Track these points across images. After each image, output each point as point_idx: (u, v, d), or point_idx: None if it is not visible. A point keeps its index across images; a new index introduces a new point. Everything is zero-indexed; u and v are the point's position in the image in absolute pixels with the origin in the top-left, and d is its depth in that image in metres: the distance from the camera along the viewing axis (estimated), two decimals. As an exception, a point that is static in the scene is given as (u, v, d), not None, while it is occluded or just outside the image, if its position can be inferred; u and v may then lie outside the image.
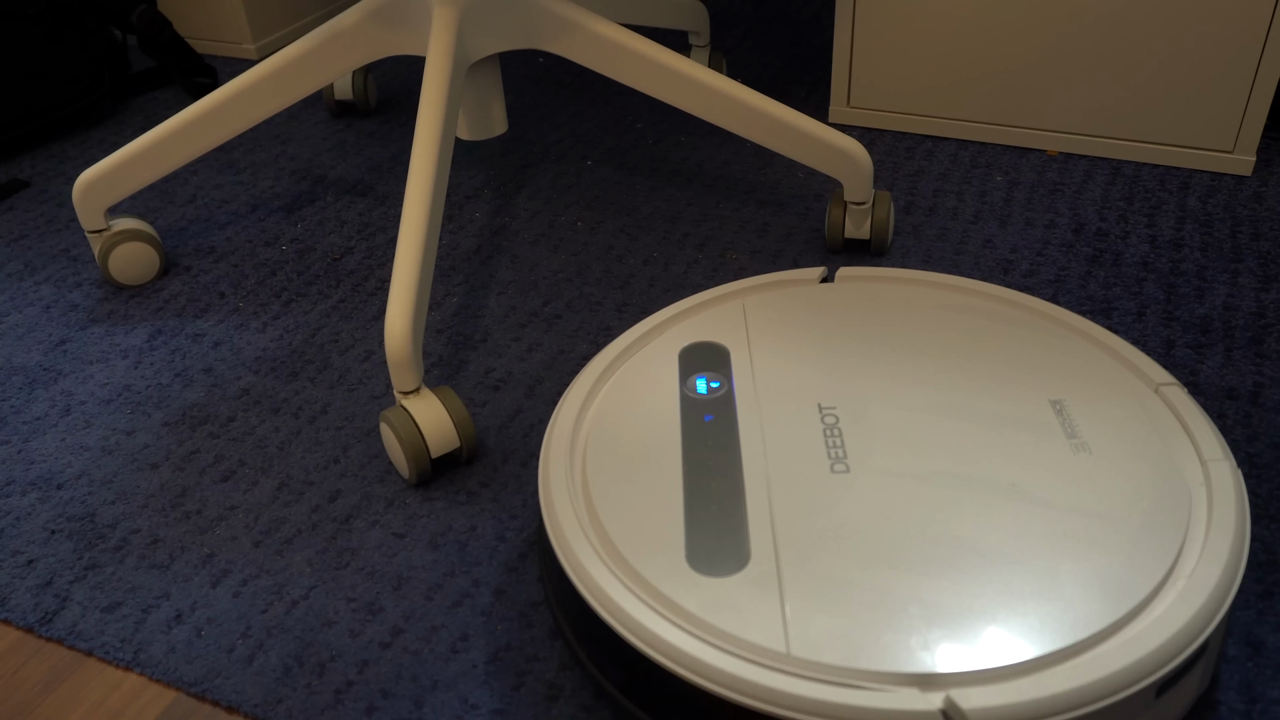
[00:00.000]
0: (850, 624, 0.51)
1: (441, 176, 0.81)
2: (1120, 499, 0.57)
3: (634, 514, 0.58)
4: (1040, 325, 0.70)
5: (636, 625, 0.52)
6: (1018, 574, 0.53)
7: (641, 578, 0.54)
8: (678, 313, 0.73)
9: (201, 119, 0.93)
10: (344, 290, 0.95)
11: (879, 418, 0.63)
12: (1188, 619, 0.50)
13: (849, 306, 0.73)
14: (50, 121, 1.22)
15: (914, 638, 0.50)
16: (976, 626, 0.51)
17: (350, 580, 0.68)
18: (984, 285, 0.74)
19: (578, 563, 0.56)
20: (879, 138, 1.14)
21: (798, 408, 0.64)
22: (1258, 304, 0.86)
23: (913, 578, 0.53)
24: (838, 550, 0.55)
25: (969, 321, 0.71)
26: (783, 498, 0.58)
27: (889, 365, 0.67)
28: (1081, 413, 0.63)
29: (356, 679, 0.61)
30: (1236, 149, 1.03)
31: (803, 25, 1.42)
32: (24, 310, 0.95)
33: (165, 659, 0.63)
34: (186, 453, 0.79)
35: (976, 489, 0.58)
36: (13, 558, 0.71)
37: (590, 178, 1.10)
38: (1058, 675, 0.48)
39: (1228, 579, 0.53)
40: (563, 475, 0.61)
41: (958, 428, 0.62)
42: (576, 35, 0.91)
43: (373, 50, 0.93)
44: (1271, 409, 0.76)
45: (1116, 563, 0.53)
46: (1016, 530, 0.55)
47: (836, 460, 0.60)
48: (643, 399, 0.66)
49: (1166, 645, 0.49)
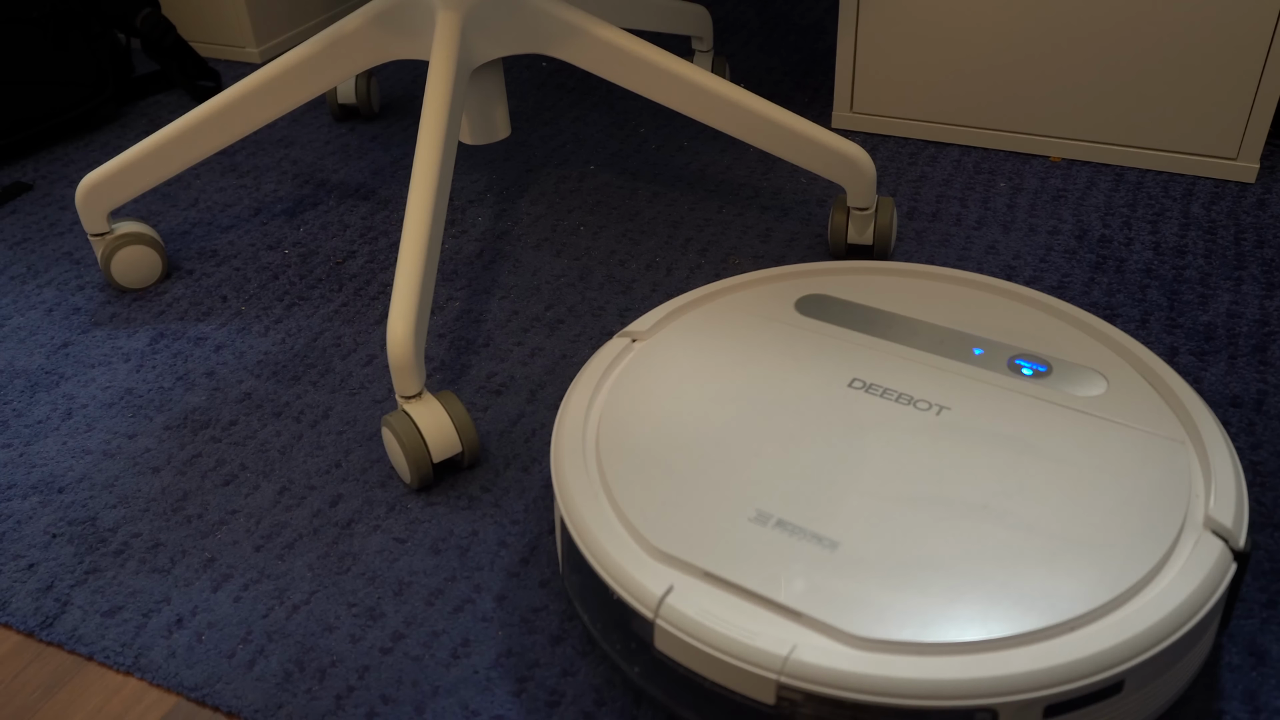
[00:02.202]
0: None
1: (444, 181, 0.81)
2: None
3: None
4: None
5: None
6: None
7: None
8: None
9: (205, 123, 0.93)
10: (346, 294, 0.95)
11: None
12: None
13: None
14: (54, 125, 1.23)
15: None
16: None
17: (351, 585, 0.67)
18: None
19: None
20: (882, 143, 1.14)
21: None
22: (1261, 311, 0.86)
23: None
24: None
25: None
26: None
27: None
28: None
29: (357, 684, 0.61)
30: (1240, 156, 1.03)
31: (806, 30, 1.42)
32: (26, 313, 0.95)
33: (166, 664, 0.63)
34: (188, 457, 0.78)
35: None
36: (13, 561, 0.71)
37: (593, 182, 1.10)
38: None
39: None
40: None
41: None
42: (580, 40, 0.91)
43: (376, 55, 0.93)
44: (1275, 416, 0.76)
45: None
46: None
47: (857, 392, 0.64)
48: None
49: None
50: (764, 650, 0.50)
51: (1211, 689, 0.59)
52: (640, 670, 0.55)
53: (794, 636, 0.50)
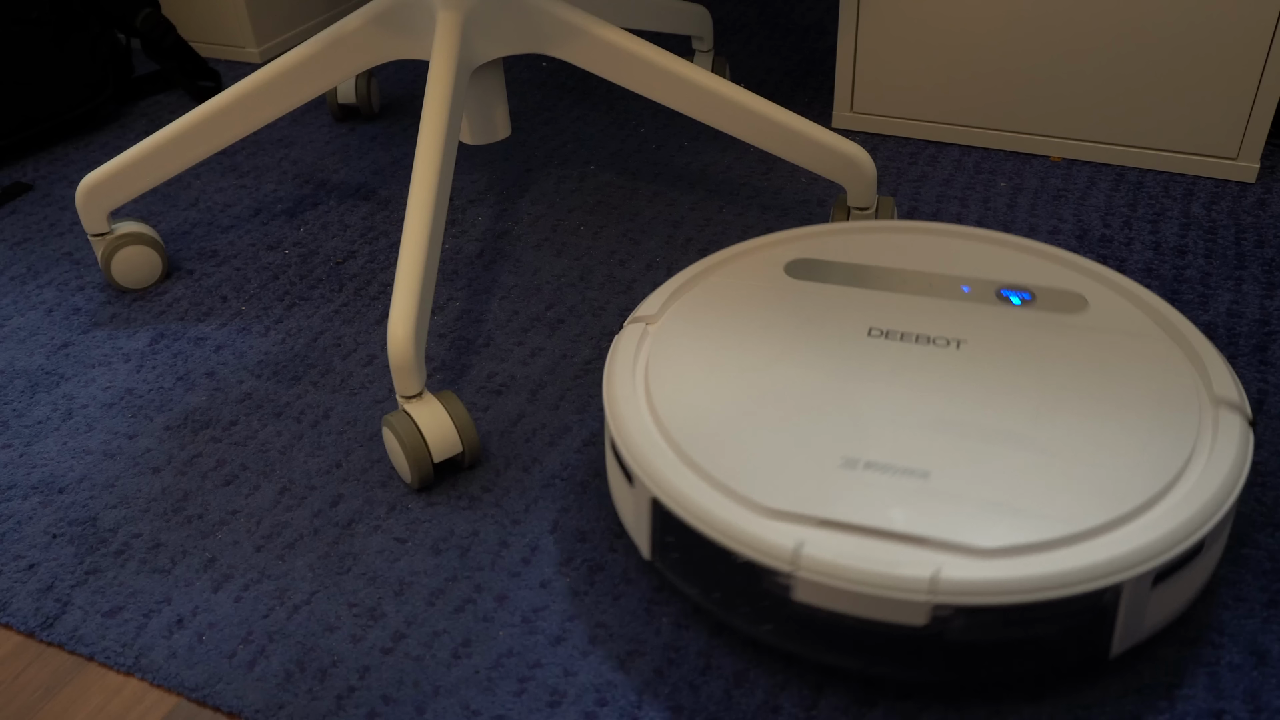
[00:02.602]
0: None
1: (445, 181, 0.81)
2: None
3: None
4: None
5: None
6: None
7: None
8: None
9: (205, 123, 0.93)
10: (347, 294, 0.95)
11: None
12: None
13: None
14: (54, 125, 1.22)
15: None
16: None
17: (352, 585, 0.67)
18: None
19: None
20: (882, 143, 1.14)
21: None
22: (1262, 311, 0.86)
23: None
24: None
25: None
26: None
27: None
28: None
29: (358, 685, 0.61)
30: (1240, 155, 1.03)
31: (806, 30, 1.42)
32: (26, 313, 0.95)
33: (166, 664, 0.63)
34: (188, 457, 0.78)
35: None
36: (14, 562, 0.71)
37: (593, 182, 1.10)
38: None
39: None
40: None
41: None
42: (580, 40, 0.91)
43: (376, 54, 0.93)
44: (1276, 416, 0.76)
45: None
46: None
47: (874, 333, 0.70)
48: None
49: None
50: (911, 576, 0.54)
51: (1212, 689, 0.59)
52: (773, 627, 0.58)
53: (930, 559, 0.54)
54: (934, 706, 0.58)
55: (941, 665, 0.56)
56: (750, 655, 0.62)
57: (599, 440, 0.78)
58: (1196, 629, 0.62)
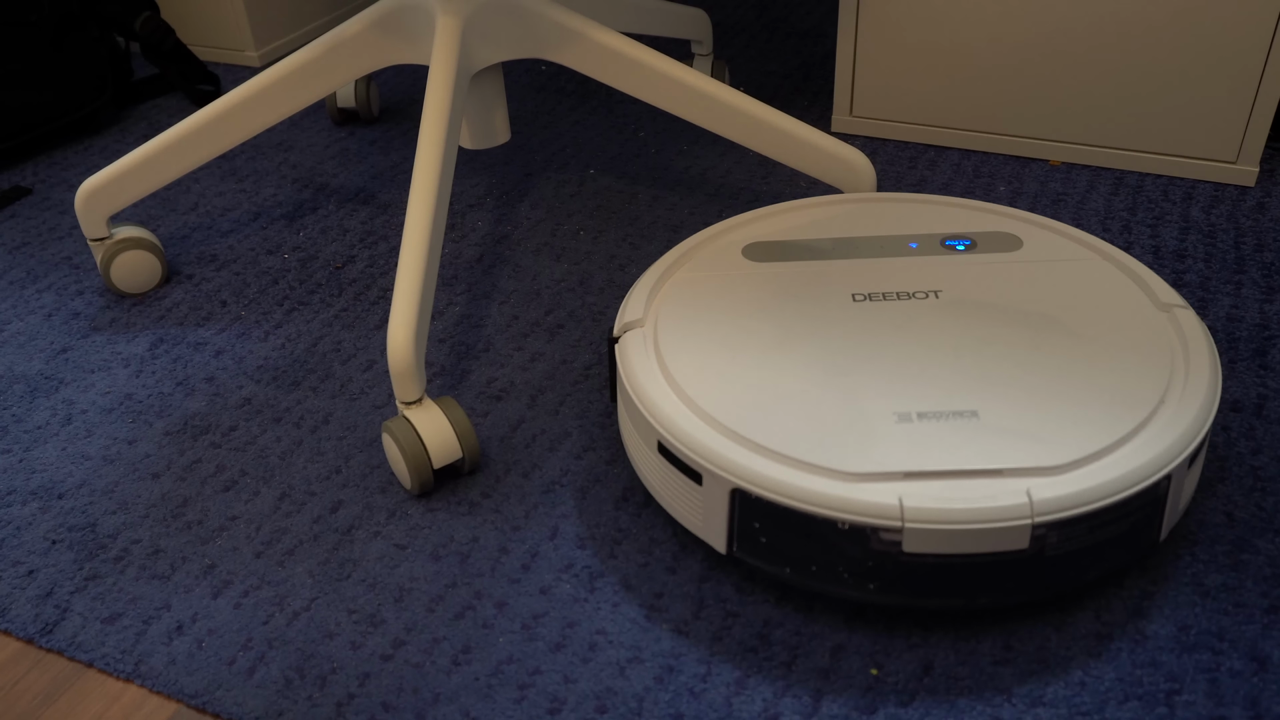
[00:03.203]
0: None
1: (444, 185, 0.81)
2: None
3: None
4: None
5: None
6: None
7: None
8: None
9: (204, 127, 0.93)
10: (346, 299, 0.95)
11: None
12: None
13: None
14: (53, 129, 1.22)
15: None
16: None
17: (352, 592, 0.67)
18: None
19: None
20: (882, 147, 1.14)
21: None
22: (1261, 315, 0.86)
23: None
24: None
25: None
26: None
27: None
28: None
29: (358, 691, 0.61)
30: (1240, 159, 1.03)
31: (805, 34, 1.42)
32: (25, 318, 0.95)
33: (166, 670, 0.63)
34: (188, 462, 0.78)
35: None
36: (13, 568, 0.71)
37: (593, 186, 1.10)
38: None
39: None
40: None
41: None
42: (579, 44, 0.91)
43: (376, 59, 0.93)
44: (1276, 421, 0.76)
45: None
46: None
47: (860, 298, 0.73)
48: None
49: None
50: (1010, 505, 0.58)
51: (1213, 695, 0.59)
52: (877, 585, 0.60)
53: (1018, 486, 0.58)
54: (934, 711, 0.58)
55: (1036, 584, 0.60)
56: (750, 663, 0.62)
57: (599, 446, 0.78)
58: (1197, 634, 0.62)
